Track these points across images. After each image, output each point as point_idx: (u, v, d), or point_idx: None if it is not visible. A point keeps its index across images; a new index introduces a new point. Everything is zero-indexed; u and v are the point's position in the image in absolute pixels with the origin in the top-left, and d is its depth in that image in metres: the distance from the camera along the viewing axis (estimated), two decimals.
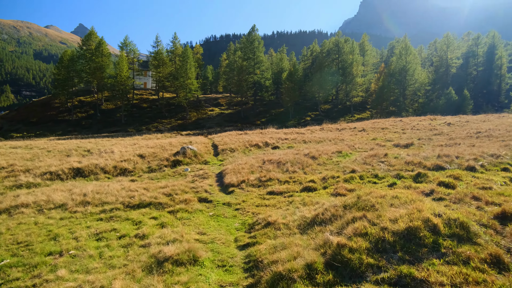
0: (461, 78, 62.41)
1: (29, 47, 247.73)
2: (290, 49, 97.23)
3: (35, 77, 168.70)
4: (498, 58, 61.95)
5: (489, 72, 63.44)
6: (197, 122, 63.69)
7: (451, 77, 62.08)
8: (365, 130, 30.63)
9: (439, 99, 56.89)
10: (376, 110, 63.72)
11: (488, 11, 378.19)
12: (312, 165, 14.26)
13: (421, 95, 63.41)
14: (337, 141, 23.80)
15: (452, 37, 62.67)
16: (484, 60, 64.63)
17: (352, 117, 62.22)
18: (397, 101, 61.55)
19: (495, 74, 62.37)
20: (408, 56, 60.55)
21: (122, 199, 10.58)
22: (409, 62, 60.32)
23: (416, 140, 22.08)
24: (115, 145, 24.08)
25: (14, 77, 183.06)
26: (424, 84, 62.00)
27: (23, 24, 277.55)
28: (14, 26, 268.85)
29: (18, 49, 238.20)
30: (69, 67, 66.02)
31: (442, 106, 54.68)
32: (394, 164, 13.64)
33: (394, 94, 61.02)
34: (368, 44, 74.33)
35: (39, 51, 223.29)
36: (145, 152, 19.01)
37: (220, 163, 17.85)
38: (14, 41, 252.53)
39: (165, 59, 69.01)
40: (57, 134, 58.44)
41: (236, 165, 15.07)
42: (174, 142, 21.97)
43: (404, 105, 60.76)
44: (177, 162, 17.49)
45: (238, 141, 23.62)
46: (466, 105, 54.29)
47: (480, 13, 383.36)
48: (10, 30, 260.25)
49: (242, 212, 9.49)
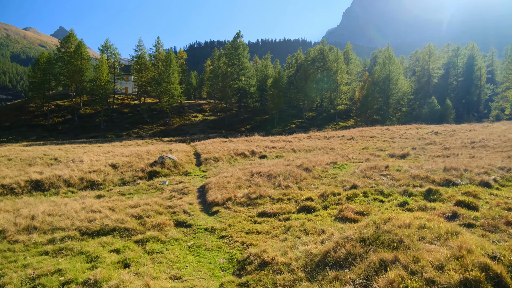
0: (443, 88, 62.67)
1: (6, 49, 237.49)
2: (275, 57, 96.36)
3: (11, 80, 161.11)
4: (477, 69, 62.58)
5: (468, 82, 63.96)
6: (180, 129, 61.24)
7: (432, 86, 62.21)
8: (354, 138, 29.23)
9: (422, 108, 56.67)
10: (361, 118, 63.09)
11: (465, 25, 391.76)
12: (307, 178, 12.46)
13: (404, 104, 63.21)
14: (328, 150, 22.18)
15: (433, 47, 63.00)
16: (464, 71, 65.18)
17: (336, 125, 61.29)
18: (380, 110, 61.10)
19: (474, 85, 62.92)
20: (391, 65, 60.31)
21: (79, 224, 8.41)
22: (392, 71, 60.07)
23: (410, 150, 20.71)
24: (88, 152, 21.64)
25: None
26: (407, 93, 61.84)
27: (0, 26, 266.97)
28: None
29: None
30: (46, 69, 62.55)
31: (425, 115, 54.37)
32: (399, 178, 12.02)
33: (378, 103, 60.56)
34: (352, 53, 74.09)
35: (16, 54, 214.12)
36: (118, 162, 16.76)
37: (203, 175, 15.81)
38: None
39: (148, 63, 66.45)
40: (31, 139, 54.80)
41: (220, 178, 13.09)
42: (153, 150, 19.76)
43: (388, 114, 60.30)
44: (154, 174, 15.33)
45: (222, 149, 21.64)
46: (448, 114, 54.18)
47: (458, 26, 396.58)
48: None
49: (229, 241, 7.53)
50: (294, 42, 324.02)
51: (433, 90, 61.64)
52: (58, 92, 73.52)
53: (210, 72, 75.76)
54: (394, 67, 60.58)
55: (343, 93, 64.95)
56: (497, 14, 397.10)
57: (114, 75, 67.31)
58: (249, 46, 67.85)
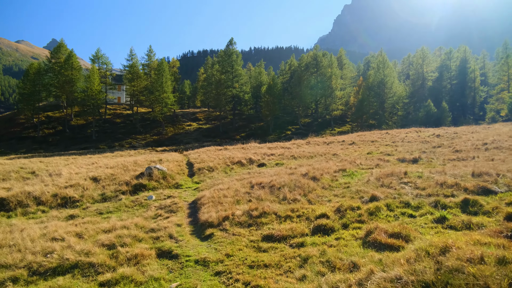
0: (438, 91, 61.57)
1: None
2: (268, 64, 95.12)
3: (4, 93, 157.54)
4: (471, 72, 61.68)
5: (462, 85, 63.01)
6: (174, 138, 59.10)
7: (427, 90, 61.07)
8: (355, 143, 27.45)
9: (418, 112, 55.34)
10: (356, 123, 61.59)
11: (451, 30, 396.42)
12: (316, 189, 10.51)
13: (399, 108, 61.92)
14: (330, 156, 20.32)
15: (427, 50, 62.08)
16: (457, 74, 64.29)
17: (332, 130, 59.65)
18: (376, 114, 59.72)
19: (469, 87, 61.95)
20: (385, 69, 59.15)
21: (31, 258, 6.35)
22: (387, 75, 58.89)
23: (420, 153, 18.90)
24: (70, 165, 19.51)
25: None
26: (402, 97, 60.60)
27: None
28: None
29: None
30: (36, 80, 60.27)
31: (422, 119, 53.03)
32: (423, 186, 10.14)
33: (373, 107, 59.17)
34: (345, 58, 72.96)
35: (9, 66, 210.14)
36: (101, 174, 14.68)
37: (195, 187, 13.79)
38: None
39: (140, 72, 64.50)
40: (20, 152, 52.27)
41: (216, 191, 11.09)
42: (140, 161, 17.71)
43: (384, 118, 58.90)
44: (139, 187, 13.28)
45: (217, 157, 19.65)
46: (445, 117, 52.88)
47: (445, 32, 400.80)
48: None
49: (227, 280, 5.52)
50: (286, 50, 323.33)
51: (428, 94, 60.48)
52: (49, 104, 71.11)
53: (203, 80, 74.00)
54: (388, 71, 59.44)
55: (338, 98, 63.52)
56: (480, 18, 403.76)
57: (106, 85, 65.19)
58: (242, 54, 66.30)
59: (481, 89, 62.84)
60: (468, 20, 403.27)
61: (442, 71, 64.18)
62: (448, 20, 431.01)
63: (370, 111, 58.56)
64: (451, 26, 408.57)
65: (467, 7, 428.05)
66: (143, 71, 66.81)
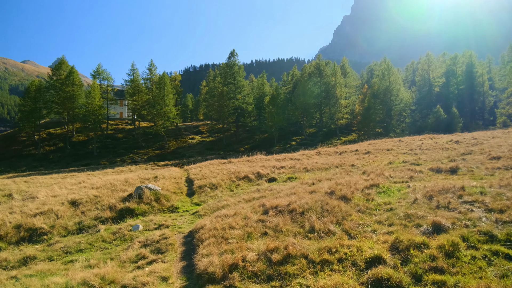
0: (445, 96, 58.87)
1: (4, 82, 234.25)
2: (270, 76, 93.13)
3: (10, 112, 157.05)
4: (479, 76, 59.10)
5: (470, 90, 60.34)
6: (176, 152, 56.56)
7: (435, 96, 58.37)
8: (370, 152, 24.64)
9: (427, 118, 52.54)
10: (363, 132, 58.73)
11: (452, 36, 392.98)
12: (352, 214, 7.73)
13: (406, 115, 59.16)
14: (348, 168, 17.54)
15: (432, 56, 59.64)
16: (464, 79, 61.71)
17: (338, 140, 56.86)
18: (383, 122, 57.01)
19: (477, 92, 59.26)
20: (390, 76, 56.70)
21: None
22: (392, 82, 56.41)
23: (457, 162, 16.08)
24: (55, 185, 16.86)
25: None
26: (409, 103, 57.92)
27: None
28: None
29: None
30: (36, 97, 58.46)
31: (432, 125, 50.18)
32: (499, 208, 7.32)
33: (380, 115, 56.48)
34: (348, 66, 70.65)
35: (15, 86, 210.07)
36: (82, 197, 12.01)
37: (194, 210, 11.05)
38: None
39: (141, 86, 62.53)
40: (20, 170, 49.96)
41: (219, 219, 8.33)
42: (132, 179, 15.02)
43: (391, 126, 56.08)
44: (125, 213, 10.58)
45: (221, 172, 16.94)
46: (455, 123, 50.02)
47: (445, 38, 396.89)
48: None
49: None
50: (288, 61, 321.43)
51: (435, 100, 57.77)
52: (51, 121, 69.20)
53: (206, 93, 71.88)
54: (394, 78, 56.99)
55: (343, 107, 60.92)
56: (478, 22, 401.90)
57: (107, 100, 63.22)
58: (243, 67, 64.25)
59: (490, 94, 60.10)
60: (467, 26, 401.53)
61: (448, 76, 61.65)
62: (447, 27, 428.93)
63: (376, 119, 55.84)
64: (450, 33, 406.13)
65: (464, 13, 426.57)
66: (144, 85, 64.88)
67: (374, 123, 55.74)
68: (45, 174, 41.66)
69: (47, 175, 40.30)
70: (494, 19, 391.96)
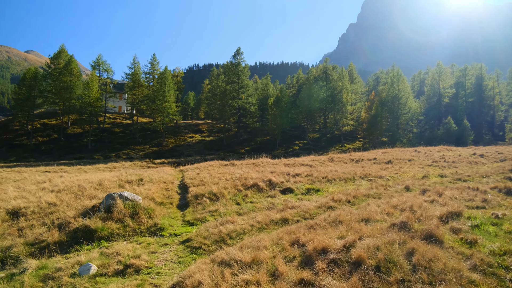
0: (454, 108, 55.75)
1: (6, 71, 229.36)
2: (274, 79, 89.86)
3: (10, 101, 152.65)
4: (490, 89, 56.15)
5: (479, 103, 57.38)
6: (174, 150, 52.97)
7: (444, 107, 55.18)
8: (392, 162, 21.27)
9: (437, 129, 49.34)
10: (368, 140, 55.41)
11: (457, 49, 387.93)
12: (473, 278, 4.24)
13: (413, 125, 55.91)
14: (376, 179, 14.17)
15: (443, 66, 56.54)
16: (473, 91, 58.77)
17: (342, 146, 53.51)
18: (389, 131, 53.72)
19: (487, 105, 56.26)
20: (400, 84, 53.52)
21: None
22: (401, 90, 53.24)
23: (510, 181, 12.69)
24: (22, 180, 13.28)
25: None
26: (417, 113, 54.74)
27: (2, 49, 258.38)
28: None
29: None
30: (32, 86, 54.81)
31: (441, 136, 46.96)
32: None
33: (387, 123, 53.20)
34: (355, 72, 67.38)
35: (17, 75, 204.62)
36: (31, 204, 8.54)
37: (186, 235, 7.53)
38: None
39: (142, 80, 59.01)
40: (10, 160, 46.31)
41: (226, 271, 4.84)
42: (110, 181, 11.46)
43: (398, 135, 52.80)
44: (82, 236, 6.99)
45: (223, 177, 13.51)
46: (466, 135, 46.83)
47: (450, 50, 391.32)
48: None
49: None
50: (292, 66, 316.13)
51: (444, 111, 54.57)
52: (46, 111, 65.52)
53: (208, 91, 68.43)
54: (403, 86, 53.82)
55: (348, 113, 57.66)
56: (486, 38, 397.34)
57: (106, 92, 59.67)
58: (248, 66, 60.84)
59: (499, 108, 57.07)
60: (474, 40, 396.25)
61: (458, 88, 58.63)
62: (454, 40, 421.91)
63: (383, 128, 52.52)
64: (456, 46, 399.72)
65: (473, 27, 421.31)
66: (145, 79, 61.32)
67: (380, 131, 52.43)
68: (32, 166, 38.08)
69: (34, 167, 36.71)
70: (503, 34, 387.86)
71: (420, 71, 72.38)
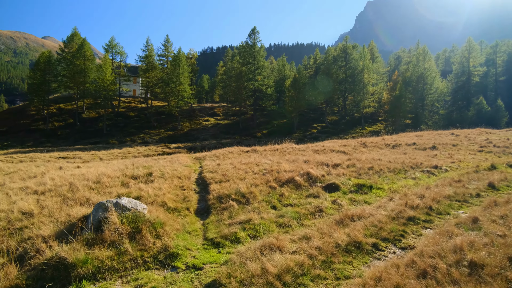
0: (484, 88, 51.23)
1: (25, 57, 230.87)
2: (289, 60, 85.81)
3: None
4: None
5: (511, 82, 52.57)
6: (189, 134, 51.05)
7: (473, 86, 50.69)
8: (436, 147, 18.40)
9: (466, 110, 45.34)
10: (389, 122, 51.85)
11: (482, 26, 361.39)
12: None
13: (439, 106, 51.85)
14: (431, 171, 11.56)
15: (474, 42, 51.58)
16: (505, 70, 53.82)
17: (363, 129, 50.26)
18: (412, 113, 49.92)
19: None
20: (426, 62, 49.25)
21: None
22: (427, 69, 49.03)
23: None
24: (17, 172, 11.28)
25: (9, 86, 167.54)
26: (444, 94, 50.59)
27: (20, 35, 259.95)
28: (11, 36, 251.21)
29: (14, 59, 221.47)
30: (46, 70, 53.30)
31: (471, 118, 43.15)
32: None
33: (411, 105, 49.38)
34: (377, 51, 62.83)
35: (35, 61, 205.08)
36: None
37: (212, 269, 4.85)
38: (11, 51, 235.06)
39: (155, 63, 56.64)
40: (27, 145, 45.45)
41: None
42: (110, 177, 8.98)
43: (423, 117, 49.09)
44: (54, 276, 4.47)
45: (249, 169, 11.17)
46: (499, 117, 42.89)
47: (475, 28, 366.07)
48: (7, 40, 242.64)
49: None
50: (307, 46, 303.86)
51: (474, 91, 50.16)
52: (62, 95, 64.33)
53: (223, 73, 65.52)
54: (429, 64, 49.58)
55: (370, 94, 53.95)
56: None
57: (120, 76, 57.74)
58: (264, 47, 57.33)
59: None
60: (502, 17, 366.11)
61: (488, 66, 53.75)
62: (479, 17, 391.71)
63: (406, 109, 48.77)
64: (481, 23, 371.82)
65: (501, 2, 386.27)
66: (159, 62, 58.89)
67: (404, 113, 48.75)
68: (47, 151, 36.77)
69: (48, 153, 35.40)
70: None
71: (446, 49, 67.18)
